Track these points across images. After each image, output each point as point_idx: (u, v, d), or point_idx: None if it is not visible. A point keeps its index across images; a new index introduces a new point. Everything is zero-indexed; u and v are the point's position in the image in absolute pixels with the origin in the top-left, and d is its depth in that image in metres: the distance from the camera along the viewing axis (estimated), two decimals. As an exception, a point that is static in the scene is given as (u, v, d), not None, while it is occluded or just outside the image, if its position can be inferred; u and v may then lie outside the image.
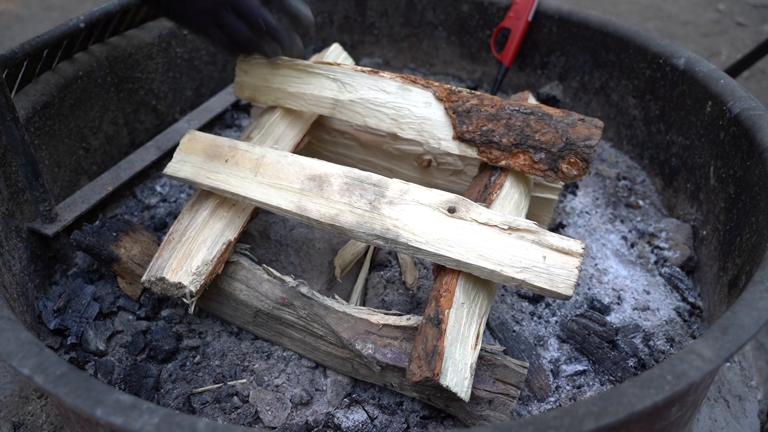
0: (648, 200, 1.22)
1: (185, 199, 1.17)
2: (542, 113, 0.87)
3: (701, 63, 1.11)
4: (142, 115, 1.29)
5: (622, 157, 1.34)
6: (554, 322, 0.94)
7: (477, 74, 1.58)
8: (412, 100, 0.92)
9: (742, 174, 0.94)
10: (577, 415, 0.49)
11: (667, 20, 2.92)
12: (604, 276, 1.02)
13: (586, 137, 0.84)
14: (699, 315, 0.99)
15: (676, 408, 0.64)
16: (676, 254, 1.06)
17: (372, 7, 1.56)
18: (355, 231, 0.79)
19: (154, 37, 1.25)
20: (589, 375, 0.86)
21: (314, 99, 0.97)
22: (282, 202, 0.82)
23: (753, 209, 0.88)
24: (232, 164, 0.86)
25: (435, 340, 0.69)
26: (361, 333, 0.78)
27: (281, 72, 0.98)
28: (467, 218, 0.77)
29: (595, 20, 1.32)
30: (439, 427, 0.78)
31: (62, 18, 2.72)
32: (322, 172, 0.83)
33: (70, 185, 1.11)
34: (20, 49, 0.92)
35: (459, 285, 0.75)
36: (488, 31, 1.51)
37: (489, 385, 0.74)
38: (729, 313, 0.60)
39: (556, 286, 0.72)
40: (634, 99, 1.28)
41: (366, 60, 1.62)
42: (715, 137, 1.04)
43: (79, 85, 1.10)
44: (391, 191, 0.80)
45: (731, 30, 2.83)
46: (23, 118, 0.96)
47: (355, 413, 0.78)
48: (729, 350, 0.55)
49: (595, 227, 1.13)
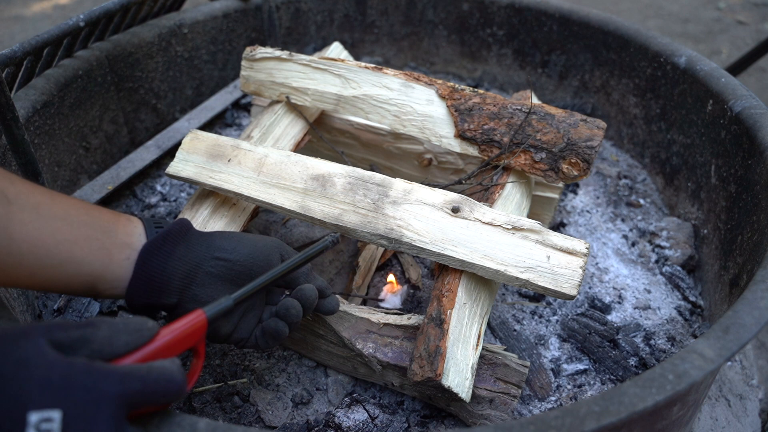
0: (649, 199, 1.22)
1: (185, 199, 1.17)
2: (544, 113, 0.87)
3: (702, 61, 1.11)
4: (142, 114, 1.28)
5: (623, 155, 1.34)
6: (555, 321, 0.94)
7: (477, 73, 1.58)
8: (415, 98, 0.92)
9: (743, 173, 0.94)
10: (578, 415, 0.49)
11: (667, 18, 2.92)
12: (605, 275, 1.02)
13: (588, 138, 0.84)
14: (700, 314, 0.99)
15: (677, 407, 0.64)
16: (677, 253, 1.06)
17: (372, 6, 1.56)
18: (358, 231, 0.78)
19: (154, 36, 1.25)
20: (590, 374, 0.86)
21: (318, 94, 0.97)
22: (285, 201, 0.82)
23: (754, 208, 0.88)
24: (235, 164, 0.86)
25: (437, 340, 0.69)
26: (362, 332, 0.78)
27: (286, 67, 0.98)
28: (471, 218, 0.77)
29: (595, 19, 1.32)
30: (439, 426, 0.78)
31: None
32: (326, 171, 0.83)
33: (70, 184, 1.11)
34: (20, 48, 0.92)
35: (461, 285, 0.75)
36: (488, 30, 1.51)
37: (490, 384, 0.74)
38: (730, 312, 0.60)
39: (560, 285, 0.72)
40: (634, 98, 1.28)
41: (366, 59, 1.61)
42: (716, 136, 1.04)
43: (79, 84, 1.10)
44: (395, 191, 0.80)
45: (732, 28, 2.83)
46: (23, 118, 0.96)
47: (355, 412, 0.78)
48: (730, 349, 0.55)
49: (596, 226, 1.13)
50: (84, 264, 0.58)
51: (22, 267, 0.55)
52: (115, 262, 0.61)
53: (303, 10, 1.51)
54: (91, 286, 0.60)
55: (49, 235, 0.56)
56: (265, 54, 0.99)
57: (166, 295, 0.63)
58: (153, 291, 0.63)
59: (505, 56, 1.52)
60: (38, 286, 0.57)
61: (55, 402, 0.41)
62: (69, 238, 0.57)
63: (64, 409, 0.41)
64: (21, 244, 0.54)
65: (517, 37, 1.47)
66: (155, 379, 0.47)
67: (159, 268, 0.63)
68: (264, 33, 1.45)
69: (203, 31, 1.35)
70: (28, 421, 0.40)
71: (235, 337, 0.67)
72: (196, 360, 0.56)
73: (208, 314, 0.56)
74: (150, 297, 0.63)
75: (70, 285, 0.59)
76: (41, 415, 0.40)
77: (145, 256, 0.62)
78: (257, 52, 1.00)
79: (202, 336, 0.55)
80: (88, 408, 0.42)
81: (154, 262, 0.63)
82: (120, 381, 0.45)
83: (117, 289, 0.62)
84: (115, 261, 0.61)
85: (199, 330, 0.54)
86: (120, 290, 0.62)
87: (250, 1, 1.41)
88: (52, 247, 0.56)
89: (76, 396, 0.42)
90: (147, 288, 0.62)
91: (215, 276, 0.65)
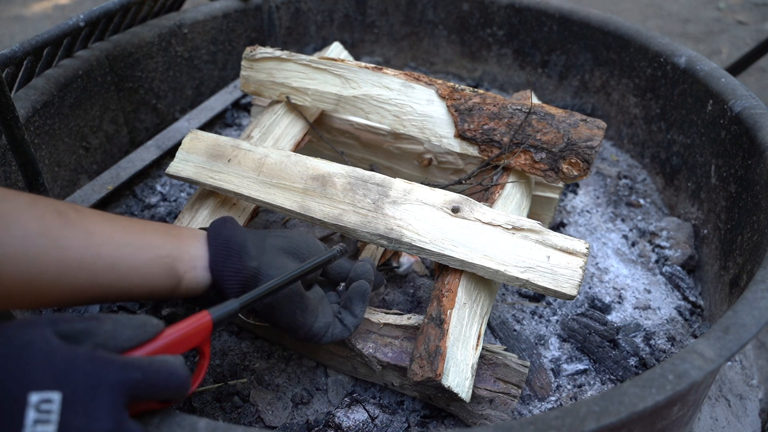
0: (649, 199, 1.22)
1: (185, 199, 1.17)
2: (544, 113, 0.87)
3: (702, 61, 1.11)
4: (142, 114, 1.28)
5: (623, 155, 1.34)
6: (555, 321, 0.94)
7: (477, 73, 1.58)
8: (415, 98, 0.92)
9: (743, 173, 0.94)
10: (578, 415, 0.49)
11: (667, 18, 2.92)
12: (604, 275, 1.02)
13: (588, 138, 0.84)
14: (700, 314, 0.99)
15: (677, 407, 0.64)
16: (677, 253, 1.06)
17: (372, 6, 1.56)
18: (358, 231, 0.78)
19: (154, 36, 1.25)
20: (590, 374, 0.86)
21: (318, 94, 0.97)
22: (285, 201, 0.82)
23: (754, 208, 0.88)
24: (235, 164, 0.86)
25: (437, 340, 0.69)
26: (362, 332, 0.78)
27: (286, 67, 0.98)
28: (471, 218, 0.77)
29: (595, 19, 1.32)
30: (439, 426, 0.78)
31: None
32: (326, 171, 0.83)
33: (70, 184, 1.11)
34: (20, 48, 0.92)
35: (461, 285, 0.75)
36: (488, 30, 1.51)
37: (490, 384, 0.74)
38: (730, 312, 0.60)
39: (560, 285, 0.72)
40: (634, 98, 1.28)
41: (366, 59, 1.61)
42: (716, 136, 1.04)
43: (79, 84, 1.10)
44: (395, 191, 0.80)
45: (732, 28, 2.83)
46: (23, 118, 0.96)
47: (355, 412, 0.78)
48: (730, 350, 0.55)
49: (596, 226, 1.13)
50: (157, 247, 0.59)
51: (97, 266, 0.55)
52: (187, 243, 0.63)
53: (303, 10, 1.51)
54: (170, 268, 0.60)
55: (120, 230, 0.58)
56: (265, 54, 0.99)
57: (247, 257, 0.64)
58: (233, 254, 0.63)
59: (505, 56, 1.52)
60: (118, 294, 0.57)
61: (55, 384, 0.42)
62: (138, 229, 0.59)
63: (65, 391, 0.42)
64: (95, 238, 0.55)
65: (517, 37, 1.47)
66: (156, 370, 0.47)
67: (232, 233, 0.65)
68: (264, 33, 1.45)
69: (203, 31, 1.35)
70: (29, 401, 0.41)
71: (314, 332, 0.68)
72: (201, 360, 0.56)
73: (214, 316, 0.56)
74: (233, 260, 0.63)
75: (150, 274, 0.58)
76: (41, 396, 0.41)
77: (214, 230, 0.65)
78: (257, 52, 1.00)
79: (207, 337, 0.55)
80: (88, 392, 0.43)
81: (224, 231, 0.65)
82: (121, 369, 0.45)
83: (197, 269, 0.62)
84: (186, 243, 0.63)
85: (203, 330, 0.55)
86: (201, 270, 0.62)
87: (250, 1, 1.41)
88: (125, 237, 0.57)
89: (77, 380, 0.43)
90: (227, 251, 0.63)
91: (279, 248, 0.68)
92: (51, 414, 0.41)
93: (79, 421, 0.42)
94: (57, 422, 0.41)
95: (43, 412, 0.41)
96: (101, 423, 0.42)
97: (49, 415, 0.41)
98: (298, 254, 0.69)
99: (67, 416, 0.41)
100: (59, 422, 0.41)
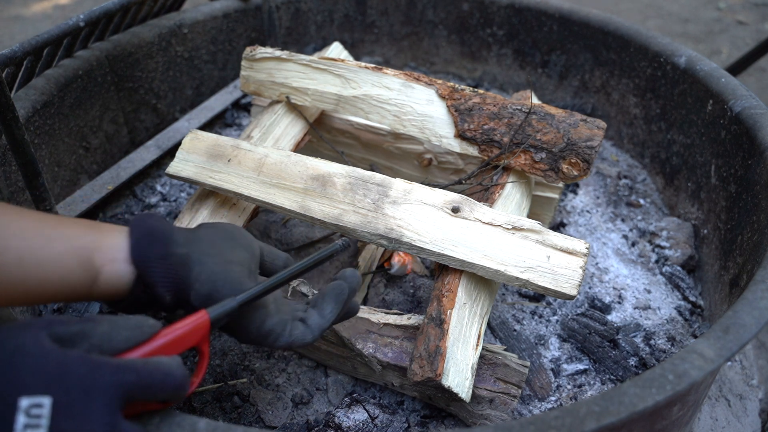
0: (649, 199, 1.22)
1: (185, 199, 1.17)
2: (544, 113, 0.87)
3: (702, 61, 1.11)
4: (142, 114, 1.28)
5: (623, 155, 1.34)
6: (555, 321, 0.94)
7: (477, 73, 1.58)
8: (415, 98, 0.92)
9: (743, 173, 0.94)
10: (578, 415, 0.49)
11: (667, 18, 2.92)
12: (605, 275, 1.02)
13: (588, 138, 0.84)
14: (700, 314, 0.99)
15: (677, 407, 0.64)
16: (677, 253, 1.06)
17: (372, 6, 1.56)
18: (358, 231, 0.78)
19: (154, 36, 1.25)
20: (590, 374, 0.86)
21: (318, 94, 0.97)
22: (285, 201, 0.82)
23: (754, 208, 0.88)
24: (235, 164, 0.86)
25: (437, 340, 0.69)
26: (362, 332, 0.78)
27: (286, 67, 0.98)
28: (471, 218, 0.77)
29: (595, 19, 1.32)
30: (439, 426, 0.78)
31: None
32: (326, 171, 0.83)
33: (70, 184, 1.11)
34: (20, 48, 0.92)
35: (461, 285, 0.75)
36: (488, 30, 1.51)
37: (490, 384, 0.74)
38: (730, 312, 0.60)
39: (560, 285, 0.72)
40: (634, 98, 1.28)
41: (366, 59, 1.61)
42: (716, 136, 1.04)
43: (79, 84, 1.10)
44: (395, 191, 0.80)
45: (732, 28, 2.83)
46: (23, 118, 0.96)
47: (355, 412, 0.78)
48: (730, 350, 0.55)
49: (596, 226, 1.13)
50: (72, 238, 0.54)
51: (10, 266, 0.50)
52: (107, 235, 0.56)
53: (303, 10, 1.51)
54: (86, 260, 0.54)
55: (32, 222, 0.53)
56: (265, 54, 0.99)
57: (173, 244, 0.58)
58: (157, 241, 0.57)
59: (505, 56, 1.52)
60: (30, 291, 0.52)
61: (47, 388, 0.42)
62: (53, 223, 0.54)
63: (56, 396, 0.42)
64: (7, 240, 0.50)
65: (517, 37, 1.47)
66: (151, 371, 0.47)
67: (157, 223, 0.59)
68: (264, 33, 1.45)
69: (203, 31, 1.35)
70: (19, 406, 0.40)
71: (266, 329, 0.61)
72: (201, 360, 0.56)
73: (211, 315, 0.55)
74: (157, 246, 0.57)
75: (62, 268, 0.53)
76: (32, 400, 0.41)
77: (137, 220, 0.59)
78: (257, 52, 1.00)
79: (206, 336, 0.55)
80: (81, 396, 0.42)
81: (148, 221, 0.59)
82: (114, 372, 0.45)
83: (117, 261, 0.55)
84: (106, 234, 0.57)
85: (201, 329, 0.54)
86: (121, 263, 0.56)
87: (250, 1, 1.41)
88: (37, 229, 0.52)
89: (69, 384, 0.42)
90: (150, 239, 0.57)
91: (214, 236, 0.62)
92: (41, 419, 0.41)
93: (72, 425, 0.42)
94: (48, 427, 0.41)
95: (34, 417, 0.41)
96: (94, 426, 0.42)
97: (39, 419, 0.41)
98: (237, 241, 0.63)
99: (59, 420, 0.41)
100: (50, 427, 0.41)
